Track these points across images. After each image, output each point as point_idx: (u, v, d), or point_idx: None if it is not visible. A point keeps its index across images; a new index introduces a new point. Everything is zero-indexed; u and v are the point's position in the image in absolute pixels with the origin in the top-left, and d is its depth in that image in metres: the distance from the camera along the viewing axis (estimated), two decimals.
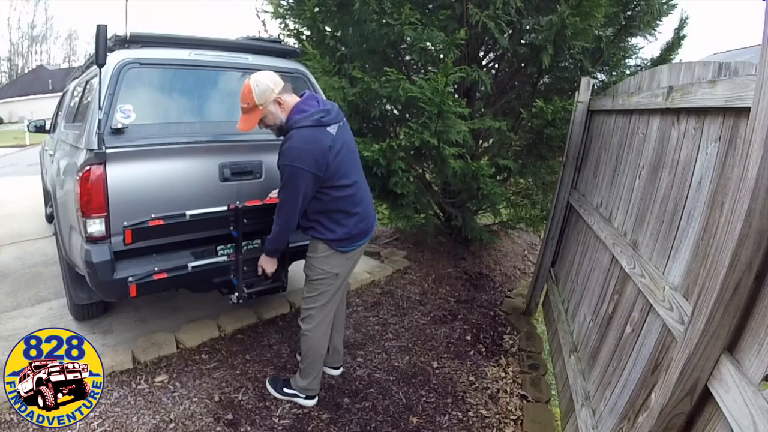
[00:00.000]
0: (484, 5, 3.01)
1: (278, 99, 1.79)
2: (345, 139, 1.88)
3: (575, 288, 2.44)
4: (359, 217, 1.92)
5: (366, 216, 1.97)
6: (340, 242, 1.90)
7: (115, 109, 1.98)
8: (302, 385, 2.09)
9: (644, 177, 1.73)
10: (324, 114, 1.81)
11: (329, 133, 1.80)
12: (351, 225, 1.90)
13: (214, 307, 2.85)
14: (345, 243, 1.92)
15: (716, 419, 0.96)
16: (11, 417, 1.88)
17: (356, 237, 1.94)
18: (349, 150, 1.91)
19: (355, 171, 1.93)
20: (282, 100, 1.80)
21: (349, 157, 1.90)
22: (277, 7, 3.63)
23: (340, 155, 1.82)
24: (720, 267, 0.93)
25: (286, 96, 1.82)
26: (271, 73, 1.86)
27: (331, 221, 1.88)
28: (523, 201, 4.05)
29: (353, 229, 1.91)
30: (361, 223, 1.94)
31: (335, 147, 1.80)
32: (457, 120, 2.91)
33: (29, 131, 5.47)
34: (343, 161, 1.83)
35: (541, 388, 2.35)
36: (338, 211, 1.88)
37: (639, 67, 3.59)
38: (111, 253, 1.98)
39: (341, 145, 1.83)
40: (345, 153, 1.85)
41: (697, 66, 1.40)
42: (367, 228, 1.99)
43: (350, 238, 1.92)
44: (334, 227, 1.88)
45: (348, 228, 1.90)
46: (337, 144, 1.81)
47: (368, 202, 2.02)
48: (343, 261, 1.96)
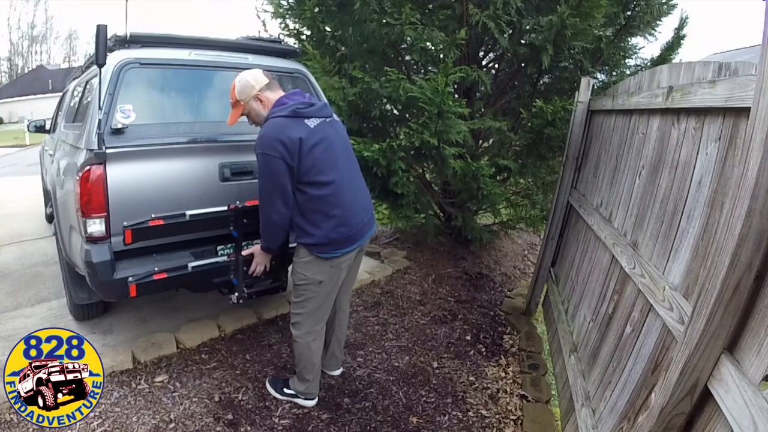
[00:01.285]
0: (484, 5, 3.01)
1: (258, 96, 1.85)
2: (327, 135, 1.82)
3: (575, 288, 2.44)
4: (338, 221, 1.81)
5: (347, 221, 1.84)
6: (319, 247, 1.82)
7: (115, 109, 1.98)
8: (300, 388, 2.09)
9: (644, 177, 1.73)
10: (304, 106, 1.82)
11: (305, 125, 1.77)
12: (328, 228, 1.80)
13: (214, 307, 2.85)
14: (324, 249, 1.82)
15: (716, 419, 0.96)
16: (11, 417, 1.88)
17: (337, 243, 1.82)
18: (331, 147, 1.83)
19: (336, 170, 1.83)
20: (263, 96, 1.85)
21: (330, 154, 1.82)
22: (277, 7, 3.63)
23: (317, 150, 1.76)
24: (720, 267, 0.93)
25: (268, 93, 1.86)
26: (257, 71, 1.91)
27: (309, 223, 1.81)
28: (523, 201, 4.05)
29: (331, 232, 1.80)
30: (342, 227, 1.82)
31: (310, 140, 1.75)
32: (457, 120, 2.91)
33: (29, 131, 5.47)
34: (320, 157, 1.77)
35: (541, 388, 2.35)
36: (315, 212, 1.80)
37: (639, 67, 3.59)
38: (111, 253, 1.98)
39: (319, 139, 1.78)
40: (324, 149, 1.79)
41: (697, 66, 1.39)
42: (350, 234, 1.85)
43: (330, 243, 1.81)
44: (312, 230, 1.81)
45: (325, 231, 1.80)
46: (313, 137, 1.76)
47: (354, 206, 1.89)
48: (325, 269, 1.86)
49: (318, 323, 1.99)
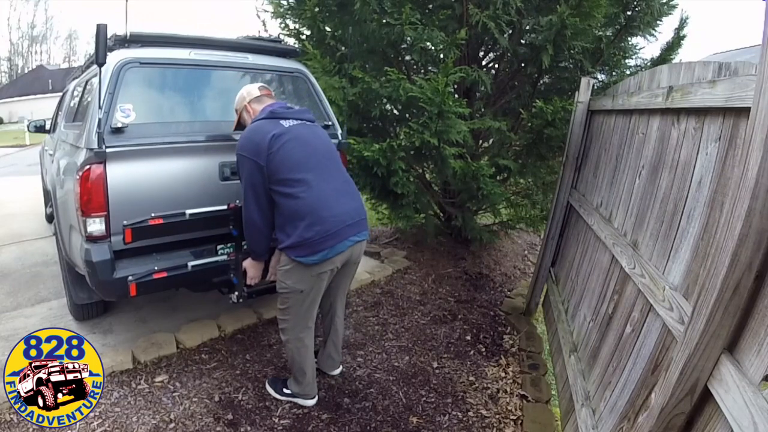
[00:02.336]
0: (484, 5, 3.01)
1: (247, 107, 2.02)
2: (302, 134, 1.86)
3: (575, 288, 2.44)
4: (312, 219, 1.74)
5: (323, 220, 1.76)
6: (295, 249, 1.77)
7: (115, 108, 1.98)
8: (296, 390, 2.10)
9: (644, 177, 1.73)
10: (282, 109, 1.92)
11: (280, 124, 1.85)
12: (302, 227, 1.74)
13: (214, 307, 2.85)
14: (301, 251, 1.76)
15: (716, 419, 0.96)
16: (11, 417, 1.88)
17: (313, 244, 1.74)
18: (305, 146, 1.83)
19: (309, 170, 1.80)
20: (250, 108, 2.01)
21: (303, 152, 1.82)
22: (277, 6, 3.64)
23: (288, 146, 1.79)
24: (720, 267, 0.93)
25: (255, 104, 2.01)
26: (255, 84, 2.09)
27: (284, 224, 1.80)
28: (523, 201, 4.05)
29: (305, 231, 1.73)
30: (317, 226, 1.74)
31: (282, 137, 1.79)
32: (457, 120, 2.91)
33: (29, 131, 5.47)
34: (291, 153, 1.79)
35: (541, 388, 2.35)
36: (289, 212, 1.78)
37: (639, 67, 3.59)
38: (111, 253, 1.98)
39: (292, 137, 1.82)
40: (296, 146, 1.81)
41: (697, 66, 1.39)
42: (326, 234, 1.75)
43: (305, 244, 1.74)
44: (288, 230, 1.78)
45: (299, 231, 1.74)
46: (286, 135, 1.81)
47: (333, 207, 1.80)
48: (306, 277, 1.81)
49: (303, 329, 1.98)
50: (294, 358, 2.01)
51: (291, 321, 1.95)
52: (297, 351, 1.99)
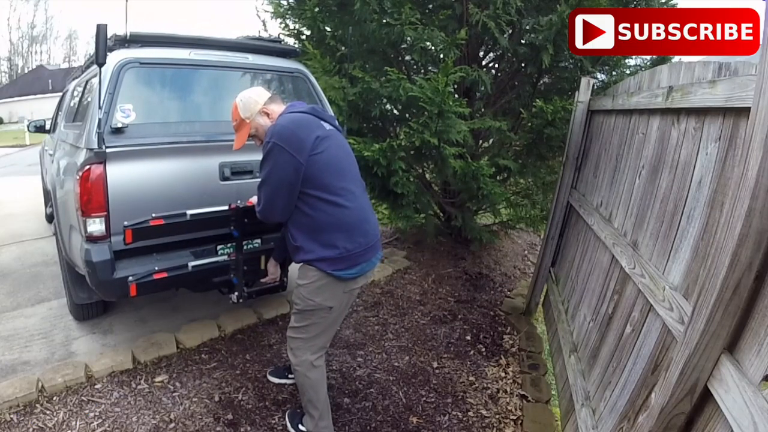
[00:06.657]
0: (484, 5, 3.01)
1: (264, 109, 1.75)
2: (340, 141, 1.73)
3: (575, 288, 2.44)
4: (358, 231, 1.65)
5: (365, 233, 1.67)
6: (334, 262, 1.61)
7: (115, 108, 1.98)
8: (310, 427, 1.83)
9: (644, 177, 1.73)
10: (321, 110, 1.77)
11: (323, 126, 1.67)
12: (343, 238, 1.62)
13: (214, 307, 2.85)
14: (341, 264, 1.62)
15: (716, 419, 0.96)
16: (11, 417, 1.88)
17: (355, 257, 1.64)
18: (348, 153, 1.74)
19: (351, 180, 1.70)
20: (268, 110, 1.74)
21: (346, 159, 1.72)
22: (277, 6, 3.64)
23: (332, 151, 1.63)
24: (720, 267, 0.93)
25: (273, 106, 1.76)
26: (257, 88, 1.87)
27: (321, 232, 1.62)
28: (523, 201, 4.05)
29: (348, 243, 1.62)
30: (361, 238, 1.65)
31: (327, 140, 1.63)
32: (457, 120, 2.91)
33: (29, 131, 5.47)
34: (336, 159, 1.64)
35: (541, 388, 2.35)
36: (331, 221, 1.61)
37: (639, 67, 3.59)
38: (111, 253, 1.98)
39: (335, 142, 1.67)
40: (340, 153, 1.68)
41: (697, 66, 1.39)
42: (367, 247, 1.68)
43: (347, 257, 1.63)
44: (326, 240, 1.61)
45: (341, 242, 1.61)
46: (330, 139, 1.65)
47: (371, 220, 1.74)
48: (338, 292, 1.67)
49: (317, 350, 1.77)
50: (304, 384, 1.77)
51: (307, 340, 1.74)
52: (306, 377, 1.76)
